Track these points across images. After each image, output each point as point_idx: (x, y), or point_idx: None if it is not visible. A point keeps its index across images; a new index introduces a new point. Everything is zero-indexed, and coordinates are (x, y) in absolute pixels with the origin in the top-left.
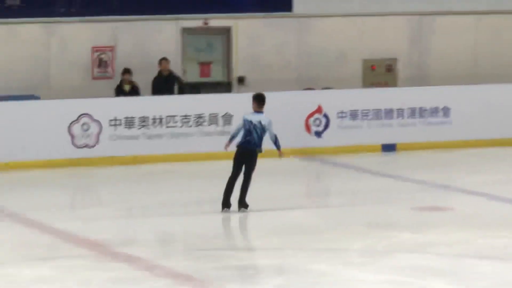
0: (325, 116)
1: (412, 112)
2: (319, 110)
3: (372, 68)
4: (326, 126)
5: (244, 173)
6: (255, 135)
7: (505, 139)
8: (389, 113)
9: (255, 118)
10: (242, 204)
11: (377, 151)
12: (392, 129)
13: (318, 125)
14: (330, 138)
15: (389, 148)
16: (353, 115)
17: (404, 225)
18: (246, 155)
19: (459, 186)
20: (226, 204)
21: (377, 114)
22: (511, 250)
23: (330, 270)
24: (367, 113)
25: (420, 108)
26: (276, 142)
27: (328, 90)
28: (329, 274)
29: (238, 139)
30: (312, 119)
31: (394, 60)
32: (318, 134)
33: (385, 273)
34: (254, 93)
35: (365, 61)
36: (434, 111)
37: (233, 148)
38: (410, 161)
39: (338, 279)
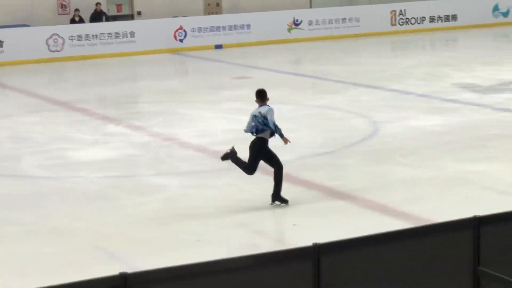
0: (184, 31)
1: (230, 27)
2: (180, 28)
3: (208, 4)
4: (185, 36)
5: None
6: (257, 123)
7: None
8: (218, 28)
9: (256, 110)
10: (276, 198)
11: (212, 49)
12: (220, 36)
13: (181, 36)
14: (187, 43)
15: (219, 47)
16: (199, 29)
17: (227, 86)
18: (252, 145)
19: (257, 66)
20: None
21: (212, 29)
22: None
23: (190, 112)
24: (206, 28)
25: (235, 25)
26: (276, 130)
27: (185, 17)
28: (189, 114)
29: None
30: (177, 32)
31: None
32: (181, 40)
33: (219, 112)
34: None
35: (205, 0)
36: (242, 26)
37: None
38: (232, 54)
39: (194, 117)
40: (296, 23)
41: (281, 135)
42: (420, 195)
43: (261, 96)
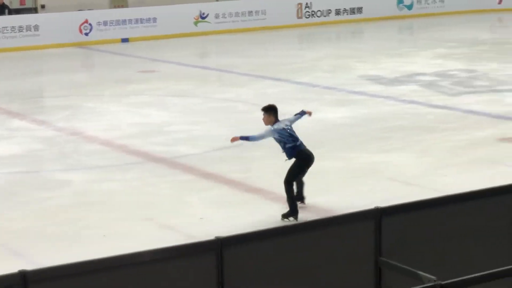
0: (90, 24)
1: (137, 20)
2: (86, 21)
3: None
4: (91, 29)
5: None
6: (298, 136)
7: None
8: (124, 21)
9: (283, 124)
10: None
11: (119, 42)
12: (127, 30)
13: (86, 29)
14: (93, 36)
15: (125, 40)
16: (105, 23)
17: (134, 79)
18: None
19: (164, 59)
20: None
21: (118, 22)
22: None
23: (95, 106)
24: (112, 22)
25: (141, 18)
26: (299, 115)
27: (91, 10)
28: (95, 108)
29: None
30: (82, 26)
31: None
32: (86, 34)
33: (125, 106)
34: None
35: None
36: (148, 20)
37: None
38: (138, 47)
39: (100, 110)
40: (202, 17)
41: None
42: (326, 186)
43: (267, 111)
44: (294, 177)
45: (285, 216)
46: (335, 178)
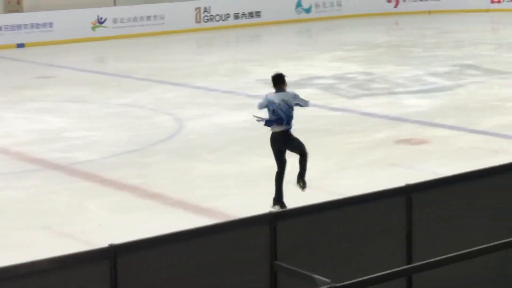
0: None
1: (32, 26)
2: None
3: (9, 2)
4: None
5: (297, 153)
6: (282, 114)
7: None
8: (19, 26)
9: (277, 97)
10: (301, 179)
11: (14, 48)
12: (22, 35)
13: None
14: None
15: (20, 45)
16: None
17: (31, 85)
18: (281, 139)
19: (60, 65)
20: (278, 201)
21: (13, 27)
22: None
23: None
24: (7, 27)
25: (37, 23)
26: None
27: None
28: None
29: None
30: None
31: None
32: None
33: (22, 113)
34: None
35: None
36: (44, 25)
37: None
38: (34, 53)
39: None
40: (100, 21)
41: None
42: (225, 191)
43: (275, 83)
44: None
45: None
46: (234, 182)
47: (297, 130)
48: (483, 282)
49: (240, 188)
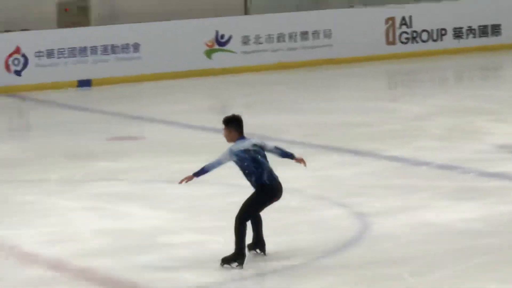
0: (24, 56)
1: (105, 49)
2: (17, 50)
3: (65, 10)
4: (25, 65)
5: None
6: (266, 162)
7: (190, 71)
8: (83, 50)
9: (247, 144)
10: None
11: (74, 87)
12: (87, 65)
13: (17, 65)
14: (29, 76)
15: (84, 83)
16: (50, 54)
17: (100, 154)
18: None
19: (150, 116)
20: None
21: (72, 52)
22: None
23: (34, 199)
24: (63, 51)
25: (112, 45)
26: (285, 153)
27: (25, 32)
28: (33, 202)
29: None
30: (11, 59)
31: (86, 1)
32: (18, 72)
33: (83, 200)
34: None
35: (59, 4)
36: (125, 47)
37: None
38: (105, 95)
39: (42, 207)
40: (220, 42)
41: (291, 156)
42: None
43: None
44: (251, 213)
45: (226, 260)
46: None
47: None
48: None
49: None
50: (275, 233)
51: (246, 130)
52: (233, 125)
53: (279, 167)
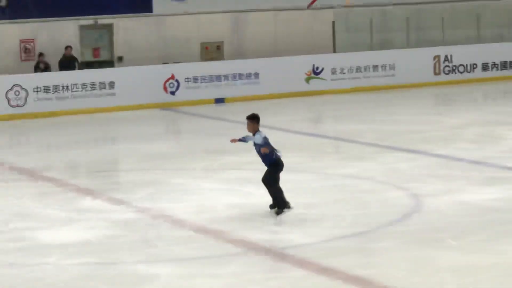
0: (177, 81)
1: (234, 76)
2: (172, 77)
3: (206, 48)
4: (177, 87)
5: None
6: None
7: (294, 92)
8: (218, 77)
9: (264, 134)
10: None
11: (212, 103)
12: (222, 88)
13: (172, 87)
14: (180, 95)
15: (220, 100)
16: (195, 79)
17: (230, 151)
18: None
19: (268, 124)
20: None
21: (211, 78)
22: None
23: (183, 182)
24: (204, 78)
25: (239, 74)
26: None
27: (178, 64)
28: (183, 184)
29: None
30: (168, 83)
31: (221, 42)
32: (172, 93)
33: (218, 183)
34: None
35: (202, 44)
36: (249, 75)
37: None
38: (234, 109)
39: (189, 188)
40: (316, 72)
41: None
42: (476, 286)
43: (249, 121)
44: (276, 180)
45: (279, 211)
46: (487, 276)
47: None
48: None
49: (497, 285)
50: (355, 208)
51: (335, 135)
52: (256, 120)
53: (355, 162)
